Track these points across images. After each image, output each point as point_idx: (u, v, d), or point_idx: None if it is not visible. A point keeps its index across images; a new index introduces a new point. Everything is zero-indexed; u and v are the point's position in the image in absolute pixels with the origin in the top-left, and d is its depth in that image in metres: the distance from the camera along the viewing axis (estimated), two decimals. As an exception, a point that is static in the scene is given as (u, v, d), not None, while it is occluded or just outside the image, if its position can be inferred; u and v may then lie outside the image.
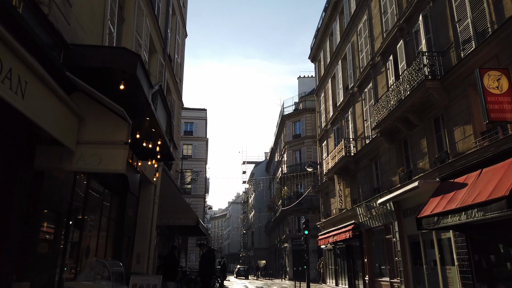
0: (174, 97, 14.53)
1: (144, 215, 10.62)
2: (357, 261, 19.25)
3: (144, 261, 10.30)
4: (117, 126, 4.24)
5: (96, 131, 4.21)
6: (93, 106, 4.25)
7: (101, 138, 4.17)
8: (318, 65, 28.85)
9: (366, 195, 17.79)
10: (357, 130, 19.49)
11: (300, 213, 38.83)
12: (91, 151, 4.14)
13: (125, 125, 4.27)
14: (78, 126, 4.13)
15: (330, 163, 21.92)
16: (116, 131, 4.23)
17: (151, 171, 10.78)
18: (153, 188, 11.05)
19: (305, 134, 40.61)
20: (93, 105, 4.24)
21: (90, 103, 4.24)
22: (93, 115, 4.24)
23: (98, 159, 4.13)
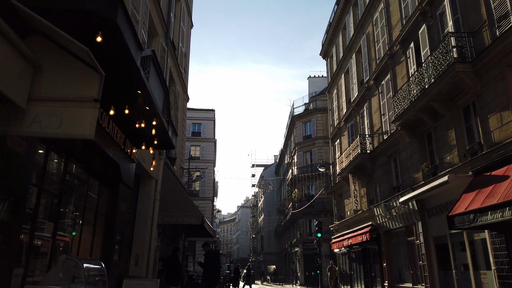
0: (179, 88, 13.57)
1: (143, 213, 9.63)
2: (375, 265, 18.00)
3: (143, 263, 9.29)
4: (85, 78, 3.23)
5: (57, 84, 3.21)
6: (54, 52, 3.25)
7: (63, 93, 3.16)
8: (330, 61, 27.75)
9: (384, 194, 16.58)
10: (373, 125, 18.32)
11: (312, 216, 37.59)
12: (49, 110, 3.14)
13: (96, 77, 3.26)
14: (33, 77, 3.13)
15: (344, 162, 20.74)
16: (84, 85, 3.22)
17: (151, 163, 9.79)
18: (154, 183, 10.06)
19: (316, 135, 39.44)
20: (54, 51, 3.25)
21: (50, 48, 3.25)
22: (53, 63, 3.24)
23: (59, 121, 3.12)
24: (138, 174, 9.71)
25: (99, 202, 6.13)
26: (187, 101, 15.68)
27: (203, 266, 10.24)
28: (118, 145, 6.06)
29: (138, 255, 9.25)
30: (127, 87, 4.88)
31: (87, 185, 5.57)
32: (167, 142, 6.92)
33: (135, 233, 9.40)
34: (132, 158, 6.95)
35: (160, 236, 10.35)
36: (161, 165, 10.31)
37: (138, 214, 9.57)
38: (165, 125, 6.21)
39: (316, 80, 47.07)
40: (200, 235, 15.43)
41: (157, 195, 10.02)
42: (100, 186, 6.19)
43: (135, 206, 9.59)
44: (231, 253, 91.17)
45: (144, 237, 9.46)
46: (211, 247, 10.68)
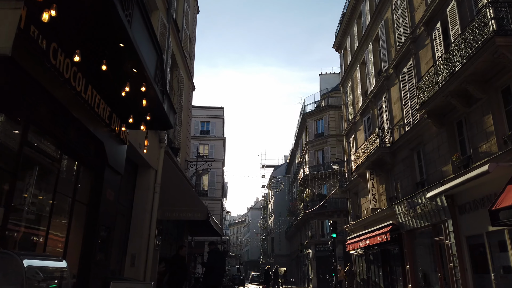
0: (183, 73, 12.48)
1: (140, 206, 8.52)
2: (396, 268, 16.65)
3: (140, 264, 8.18)
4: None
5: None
6: None
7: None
8: (343, 54, 26.49)
9: (406, 191, 15.26)
10: (393, 117, 17.02)
11: (324, 216, 36.25)
12: None
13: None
14: None
15: (361, 158, 19.45)
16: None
17: (151, 152, 8.69)
18: (153, 174, 8.95)
19: (328, 133, 38.13)
20: None
21: None
22: None
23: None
24: (136, 164, 8.62)
25: (78, 188, 5.03)
26: (192, 89, 14.59)
27: (205, 266, 9.14)
28: (101, 118, 4.95)
29: (135, 255, 8.15)
30: (103, 33, 3.76)
31: (58, 164, 4.46)
32: (162, 119, 5.80)
33: (131, 229, 8.31)
34: (122, 138, 5.83)
35: (161, 234, 9.24)
36: (162, 154, 9.21)
37: (135, 208, 8.47)
38: (159, 96, 5.08)
39: (327, 77, 45.76)
40: (209, 234, 14.29)
41: (156, 187, 8.92)
42: (79, 168, 5.08)
43: (132, 199, 8.49)
44: (241, 255, 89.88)
45: (141, 234, 8.36)
46: (217, 246, 9.54)
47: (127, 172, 8.23)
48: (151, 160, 8.72)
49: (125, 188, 8.13)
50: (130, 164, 8.33)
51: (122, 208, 7.97)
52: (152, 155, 8.82)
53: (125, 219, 8.18)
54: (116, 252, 7.75)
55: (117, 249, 7.76)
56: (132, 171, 8.54)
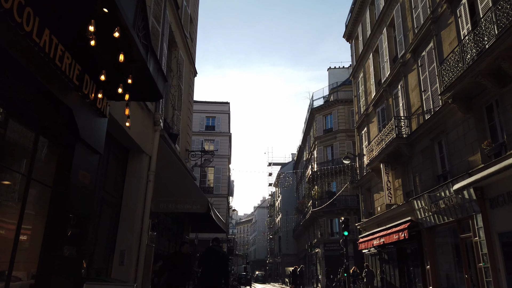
0: (183, 55, 11.42)
1: (132, 197, 7.47)
2: (414, 268, 15.45)
3: (131, 262, 7.13)
4: None
5: None
6: None
7: None
8: (355, 43, 25.27)
9: (426, 184, 14.06)
10: (410, 106, 15.81)
11: (333, 215, 35.05)
12: None
13: None
14: None
15: (375, 151, 18.25)
16: None
17: (144, 135, 7.64)
18: (147, 160, 7.89)
19: (337, 128, 36.91)
20: None
21: None
22: None
23: None
24: (126, 148, 7.57)
25: (37, 164, 3.96)
26: (194, 74, 13.53)
27: (200, 266, 8.09)
28: (67, 76, 3.88)
29: (124, 251, 7.09)
30: None
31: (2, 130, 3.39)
32: (148, 85, 4.71)
33: (120, 222, 7.26)
34: (100, 109, 4.76)
35: (156, 228, 8.18)
36: (156, 139, 8.15)
37: (126, 199, 7.42)
38: (140, 50, 3.99)
39: (336, 71, 44.53)
40: (213, 230, 13.21)
41: (150, 176, 7.86)
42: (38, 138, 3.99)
43: (121, 189, 7.44)
44: (247, 254, 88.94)
45: (133, 228, 7.30)
46: (219, 244, 8.46)
47: (115, 157, 7.19)
48: (143, 144, 7.66)
49: (113, 175, 7.09)
50: (119, 148, 7.29)
51: (109, 198, 6.93)
52: (145, 139, 7.77)
53: (113, 210, 7.13)
54: (102, 248, 6.71)
55: (103, 245, 6.73)
56: (122, 156, 7.49)
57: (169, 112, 10.20)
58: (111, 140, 6.87)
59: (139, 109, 7.31)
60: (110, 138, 6.79)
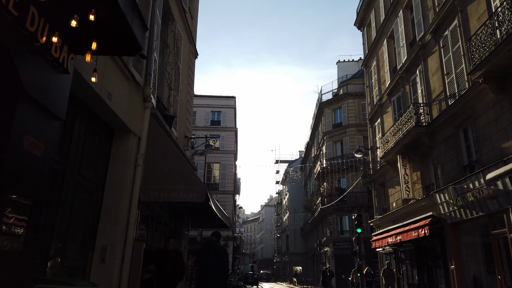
0: (181, 31, 10.28)
1: (116, 183, 6.35)
2: (436, 268, 14.18)
3: (114, 260, 6.01)
4: None
5: None
6: None
7: None
8: (367, 31, 23.97)
9: (449, 176, 12.80)
10: (431, 92, 14.53)
11: (343, 212, 33.81)
12: None
13: None
14: None
15: (390, 142, 16.98)
16: None
17: (131, 112, 6.52)
18: (135, 142, 6.77)
19: (347, 123, 35.61)
20: None
21: None
22: None
23: None
24: (110, 127, 6.45)
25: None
26: (194, 56, 12.38)
27: (196, 264, 6.98)
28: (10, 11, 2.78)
29: (106, 247, 5.98)
30: None
31: None
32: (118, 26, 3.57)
33: (102, 213, 6.15)
34: (57, 59, 3.62)
35: (147, 222, 7.05)
36: (147, 117, 7.02)
37: (109, 186, 6.30)
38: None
39: (345, 64, 43.20)
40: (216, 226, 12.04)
41: (139, 159, 6.74)
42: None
43: (104, 174, 6.32)
44: (254, 253, 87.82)
45: (117, 221, 6.18)
46: (218, 238, 7.33)
47: (96, 136, 6.08)
48: (131, 123, 6.54)
49: (93, 157, 5.98)
50: (101, 126, 6.17)
51: (88, 184, 5.82)
52: (133, 117, 6.65)
53: (93, 199, 6.02)
54: (78, 243, 5.60)
55: (78, 239, 5.62)
56: (105, 137, 6.37)
57: (165, 91, 9.08)
58: (91, 116, 5.77)
59: (125, 80, 6.19)
60: (89, 113, 5.69)
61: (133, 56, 5.04)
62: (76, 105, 5.30)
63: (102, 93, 5.30)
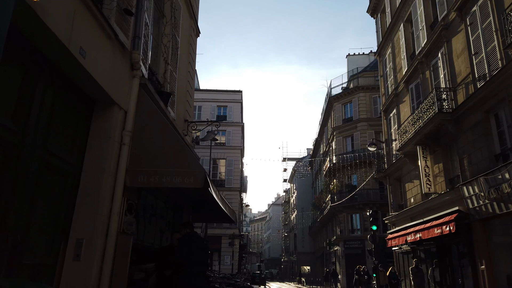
0: (180, 2, 9.17)
1: (96, 165, 5.26)
2: (462, 269, 12.93)
3: (92, 256, 4.93)
4: None
5: None
6: None
7: None
8: (380, 18, 22.70)
9: (478, 167, 11.56)
10: (455, 75, 13.27)
11: (354, 210, 32.55)
12: None
13: None
14: None
15: (409, 132, 15.74)
16: None
17: (115, 79, 5.42)
18: (120, 116, 5.66)
19: (358, 117, 34.35)
20: None
21: None
22: None
23: None
24: (91, 99, 5.35)
25: None
26: (196, 34, 11.27)
27: (179, 262, 5.82)
28: None
29: (82, 241, 4.88)
30: None
31: None
32: None
33: (78, 200, 5.06)
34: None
35: (134, 211, 5.93)
36: (135, 87, 5.91)
37: (88, 168, 5.21)
38: None
39: (355, 58, 41.94)
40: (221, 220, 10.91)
41: (125, 137, 5.63)
42: None
43: (82, 153, 5.22)
44: (261, 252, 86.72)
45: (96, 209, 5.08)
46: (194, 229, 6.28)
47: (71, 107, 4.99)
48: (115, 93, 5.43)
49: (67, 132, 4.89)
50: (77, 95, 5.07)
51: (59, 164, 4.74)
52: (118, 86, 5.54)
53: (67, 182, 4.93)
54: (44, 235, 4.52)
55: (46, 230, 4.54)
56: (84, 109, 5.27)
57: (160, 65, 7.98)
58: (61, 78, 4.67)
59: (104, 38, 5.08)
60: (58, 75, 4.60)
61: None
62: (39, 61, 4.21)
63: (71, 46, 4.19)
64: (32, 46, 4.04)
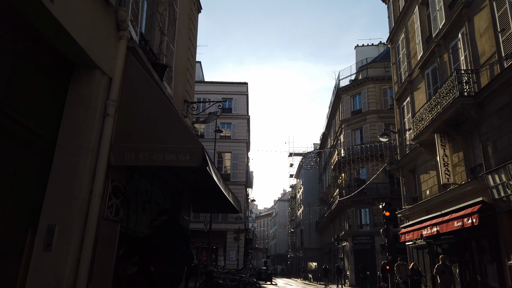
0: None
1: (73, 139, 4.43)
2: (485, 264, 11.99)
3: (67, 246, 4.11)
4: None
5: None
6: None
7: None
8: (393, 2, 21.65)
9: (505, 154, 10.61)
10: (478, 56, 12.28)
11: (363, 204, 31.60)
12: None
13: None
14: None
15: (425, 119, 14.77)
16: None
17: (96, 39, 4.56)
18: (104, 83, 4.82)
19: (367, 109, 33.30)
20: None
21: None
22: None
23: None
24: (68, 60, 4.50)
25: None
26: (197, 9, 10.39)
27: (161, 248, 4.98)
28: None
29: (54, 227, 4.06)
30: None
31: None
32: None
33: (51, 180, 4.23)
34: None
35: (122, 195, 5.10)
36: (121, 50, 5.05)
37: (62, 141, 4.38)
38: None
39: (364, 49, 40.86)
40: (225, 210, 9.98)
41: (110, 107, 4.79)
42: None
43: (56, 125, 4.39)
44: (268, 248, 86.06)
45: (72, 191, 4.25)
46: (174, 217, 5.43)
47: (42, 67, 4.14)
48: (98, 56, 4.58)
49: (37, 96, 4.06)
50: (51, 55, 4.22)
51: (26, 135, 3.92)
52: (99, 46, 4.69)
53: (36, 158, 4.11)
54: (7, 220, 3.69)
55: (9, 214, 3.71)
56: (57, 70, 4.43)
57: (156, 36, 7.12)
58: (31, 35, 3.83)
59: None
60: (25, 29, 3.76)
61: None
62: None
63: None
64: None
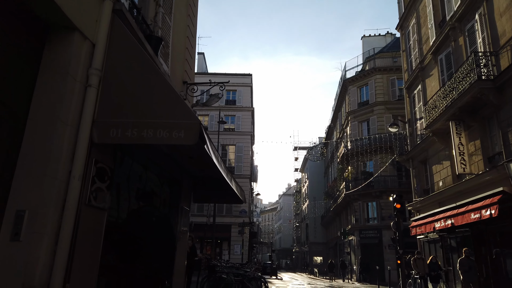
0: None
1: (48, 112, 3.81)
2: (505, 259, 11.30)
3: (38, 235, 3.49)
4: None
5: None
6: None
7: None
8: (402, -13, 20.80)
9: (528, 141, 9.87)
10: (498, 37, 11.51)
11: (370, 198, 30.92)
12: None
13: None
14: None
15: (439, 106, 14.04)
16: None
17: None
18: (86, 48, 4.17)
19: (374, 100, 32.52)
20: None
21: None
22: None
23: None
24: (43, 20, 3.85)
25: None
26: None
27: None
28: None
29: (23, 214, 3.44)
30: None
31: None
32: None
33: (21, 159, 3.62)
34: None
35: (108, 179, 4.47)
36: (106, 12, 4.39)
37: (35, 115, 3.76)
38: None
39: (371, 39, 39.91)
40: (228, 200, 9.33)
41: (93, 77, 4.15)
42: None
43: (28, 96, 3.76)
44: (272, 242, 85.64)
45: (45, 171, 3.63)
46: None
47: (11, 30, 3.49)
48: (75, 14, 3.93)
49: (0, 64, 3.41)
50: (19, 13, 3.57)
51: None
52: (82, 8, 4.04)
53: (3, 134, 3.48)
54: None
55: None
56: (28, 34, 3.78)
57: (150, 6, 6.46)
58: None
59: None
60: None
61: None
62: None
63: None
64: None
